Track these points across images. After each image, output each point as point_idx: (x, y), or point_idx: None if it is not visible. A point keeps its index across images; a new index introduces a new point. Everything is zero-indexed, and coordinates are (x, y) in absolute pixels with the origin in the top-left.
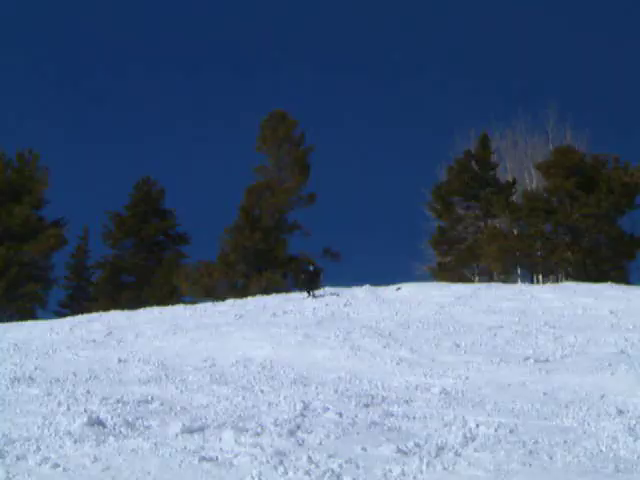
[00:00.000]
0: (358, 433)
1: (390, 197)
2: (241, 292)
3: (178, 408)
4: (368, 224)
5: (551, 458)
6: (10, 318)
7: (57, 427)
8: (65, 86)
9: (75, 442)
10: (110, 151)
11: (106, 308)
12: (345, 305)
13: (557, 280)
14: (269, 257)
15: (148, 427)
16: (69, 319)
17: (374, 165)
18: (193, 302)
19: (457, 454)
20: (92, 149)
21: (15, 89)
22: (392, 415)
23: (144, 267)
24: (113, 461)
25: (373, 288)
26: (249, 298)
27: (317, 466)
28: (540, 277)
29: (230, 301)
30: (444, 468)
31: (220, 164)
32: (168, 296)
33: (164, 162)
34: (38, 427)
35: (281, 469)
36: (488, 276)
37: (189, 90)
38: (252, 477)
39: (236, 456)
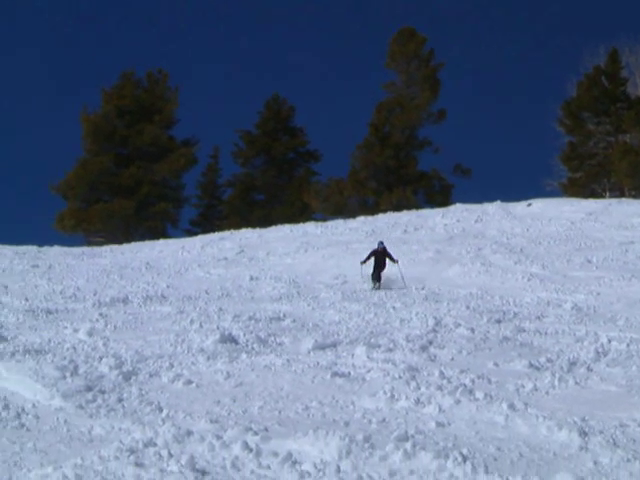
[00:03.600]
0: (490, 349)
1: (521, 113)
2: (372, 209)
3: (310, 325)
4: (499, 140)
5: None
6: (142, 237)
7: (190, 344)
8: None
9: (208, 359)
10: (240, 69)
11: (237, 226)
12: (476, 221)
13: None
14: (400, 174)
15: (280, 344)
16: (200, 237)
17: (504, 80)
18: (324, 219)
19: (589, 369)
20: (221, 67)
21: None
22: (524, 331)
23: (275, 185)
24: (246, 377)
25: (504, 204)
26: (380, 215)
27: (449, 381)
28: None
29: (361, 218)
30: (576, 383)
31: (350, 80)
32: (299, 214)
33: (293, 79)
34: (171, 344)
35: (413, 384)
36: (619, 192)
37: (316, 6)
38: (385, 392)
39: (368, 372)
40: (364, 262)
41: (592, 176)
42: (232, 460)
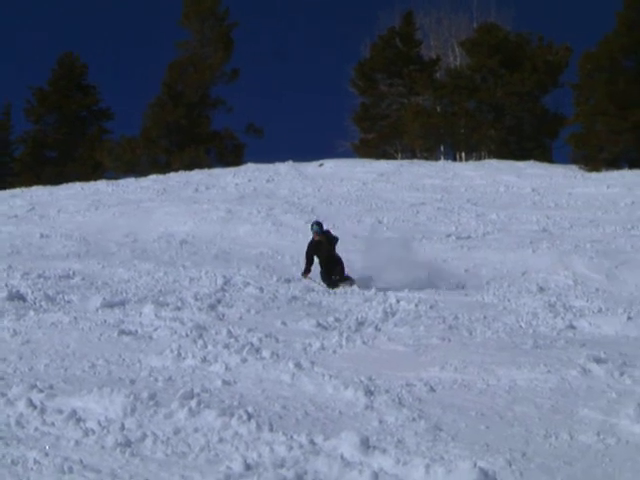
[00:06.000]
0: (279, 308)
1: (314, 74)
2: (164, 168)
3: (99, 283)
4: (292, 101)
5: (470, 333)
6: None
7: None
8: None
9: None
10: (32, 25)
11: (28, 184)
12: (268, 181)
13: (480, 158)
14: (192, 133)
15: (69, 301)
16: None
17: (299, 41)
18: (115, 178)
19: (377, 329)
20: (13, 22)
21: None
22: (313, 290)
23: (67, 142)
24: (33, 335)
25: (296, 164)
26: (172, 174)
27: (237, 340)
28: (463, 155)
29: (153, 177)
30: (364, 342)
31: (143, 39)
32: (91, 172)
33: (86, 37)
34: None
35: (200, 342)
36: (411, 153)
37: None
38: (171, 350)
39: (156, 330)
40: (305, 273)
41: (384, 137)
42: (16, 417)
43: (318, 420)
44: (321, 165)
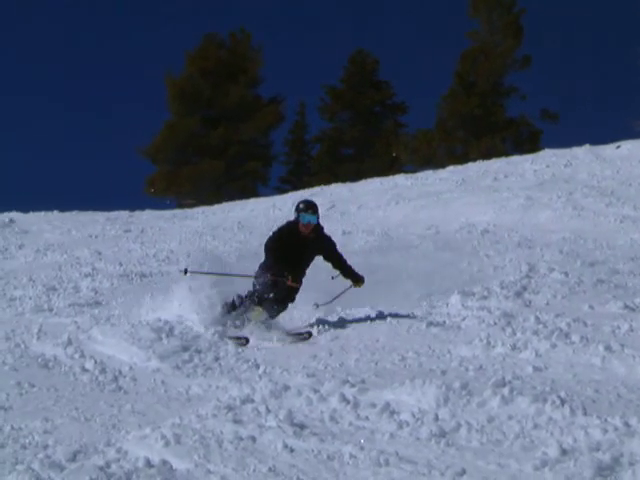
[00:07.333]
0: (585, 292)
1: (605, 54)
2: (460, 158)
3: (404, 276)
4: (585, 83)
5: None
6: (232, 197)
7: None
8: None
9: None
10: (321, 24)
11: (327, 181)
12: (565, 166)
13: None
14: (487, 122)
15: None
16: (291, 194)
17: (587, 23)
18: (413, 171)
19: None
20: (303, 24)
21: None
22: (618, 272)
23: (363, 139)
24: (341, 332)
25: (593, 147)
26: (469, 164)
27: (545, 326)
28: None
29: (450, 168)
30: None
31: (432, 31)
32: (388, 166)
33: (375, 33)
34: None
35: (509, 330)
36: None
37: None
38: (480, 339)
39: (463, 319)
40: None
41: None
42: (330, 413)
43: (631, 402)
44: (618, 147)
